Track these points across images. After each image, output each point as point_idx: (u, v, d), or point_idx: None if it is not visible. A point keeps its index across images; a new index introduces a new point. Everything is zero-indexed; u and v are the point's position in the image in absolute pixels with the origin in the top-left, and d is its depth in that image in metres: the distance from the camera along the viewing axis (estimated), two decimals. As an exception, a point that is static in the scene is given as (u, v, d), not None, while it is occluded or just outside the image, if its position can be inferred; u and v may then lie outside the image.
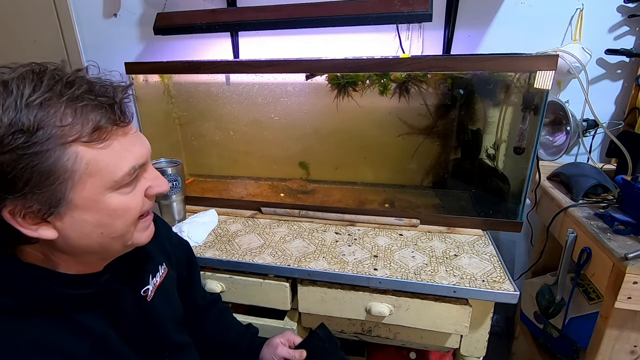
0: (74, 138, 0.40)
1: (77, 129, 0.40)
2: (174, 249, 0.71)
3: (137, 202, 0.47)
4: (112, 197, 0.44)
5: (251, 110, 1.22)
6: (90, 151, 0.41)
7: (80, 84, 0.42)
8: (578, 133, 1.13)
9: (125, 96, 0.46)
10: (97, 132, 0.41)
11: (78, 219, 0.43)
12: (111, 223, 0.45)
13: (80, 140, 0.40)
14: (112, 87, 0.45)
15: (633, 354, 0.79)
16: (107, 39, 1.42)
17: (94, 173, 0.42)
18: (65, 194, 0.41)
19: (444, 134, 1.15)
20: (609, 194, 0.95)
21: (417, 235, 0.99)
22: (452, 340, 0.87)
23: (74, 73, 0.43)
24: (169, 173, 1.00)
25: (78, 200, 0.42)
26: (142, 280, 0.58)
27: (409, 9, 0.95)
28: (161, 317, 0.60)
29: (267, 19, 1.06)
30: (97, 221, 0.44)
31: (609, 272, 0.73)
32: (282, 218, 1.11)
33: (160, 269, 0.63)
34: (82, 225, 0.43)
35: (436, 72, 1.06)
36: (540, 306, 1.03)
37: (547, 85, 0.85)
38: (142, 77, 1.15)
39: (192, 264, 0.79)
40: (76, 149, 0.40)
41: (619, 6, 1.08)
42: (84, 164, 0.41)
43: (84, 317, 0.48)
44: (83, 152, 0.41)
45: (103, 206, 0.43)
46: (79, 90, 0.41)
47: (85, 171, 0.41)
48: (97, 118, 0.41)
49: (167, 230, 0.73)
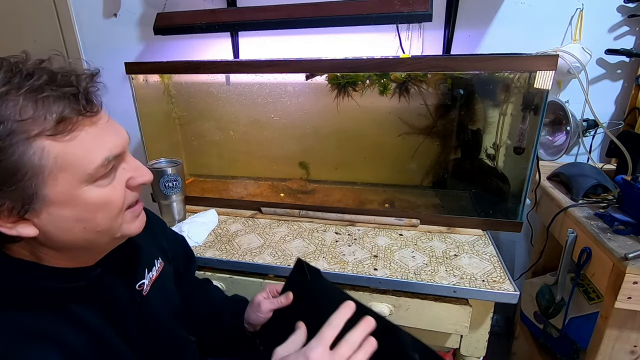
0: (37, 132, 0.38)
1: (40, 122, 0.38)
2: (169, 244, 0.71)
3: (117, 195, 0.46)
4: (89, 191, 0.43)
5: (251, 110, 1.22)
6: (57, 145, 0.40)
7: (40, 75, 0.40)
8: (578, 133, 1.13)
9: (91, 85, 0.44)
10: (62, 124, 0.40)
11: (56, 215, 0.42)
12: (92, 217, 0.44)
13: (45, 134, 0.39)
14: (75, 76, 0.42)
15: (633, 354, 0.79)
16: (107, 39, 1.42)
17: (65, 167, 0.40)
18: (38, 190, 0.40)
19: (444, 134, 1.15)
20: (609, 194, 0.95)
21: (417, 235, 0.99)
22: (452, 340, 0.87)
23: (35, 64, 0.41)
24: (169, 173, 1.00)
25: (53, 195, 0.41)
26: (137, 274, 0.57)
27: (409, 9, 0.95)
28: (158, 311, 0.59)
29: (267, 19, 1.06)
30: (77, 216, 0.43)
31: (609, 272, 0.73)
32: (282, 218, 1.11)
33: (156, 263, 0.62)
34: (61, 221, 0.42)
35: (436, 72, 1.06)
36: (540, 306, 1.04)
37: (547, 85, 0.85)
38: (142, 77, 1.15)
39: (189, 258, 0.79)
40: (41, 143, 0.39)
41: (619, 6, 1.08)
42: (52, 158, 0.39)
43: (82, 310, 0.47)
44: (49, 146, 0.39)
45: (80, 200, 0.42)
46: (38, 82, 0.39)
47: (55, 165, 0.40)
48: (60, 109, 0.40)
49: (162, 226, 0.73)
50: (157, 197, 1.03)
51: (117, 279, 0.53)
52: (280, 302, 0.70)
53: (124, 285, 0.54)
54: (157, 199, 1.04)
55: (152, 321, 0.57)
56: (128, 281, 0.55)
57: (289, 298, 0.70)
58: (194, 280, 0.82)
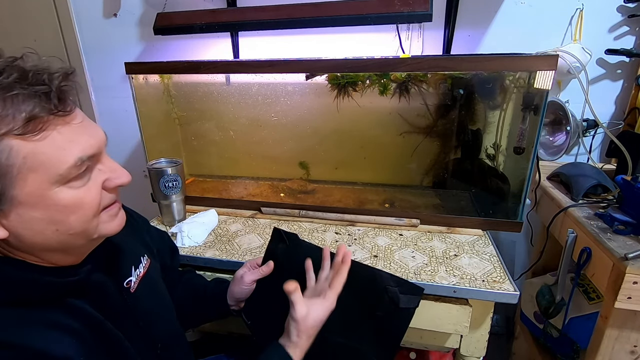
0: (5, 131, 0.37)
1: (8, 120, 0.38)
2: (153, 240, 0.72)
3: (92, 196, 0.45)
4: (61, 192, 0.42)
5: (251, 110, 1.22)
6: (27, 144, 0.39)
7: (10, 73, 0.39)
8: (578, 133, 1.13)
9: (64, 84, 0.42)
10: (32, 123, 0.39)
11: (26, 217, 0.41)
12: (64, 219, 0.43)
13: (13, 133, 0.38)
14: (48, 74, 0.41)
15: (633, 354, 0.79)
16: (107, 39, 1.42)
17: (36, 167, 0.39)
18: (5, 191, 0.39)
19: (444, 134, 1.15)
20: (609, 194, 0.95)
21: (417, 235, 0.99)
22: (452, 340, 0.87)
23: (5, 61, 0.40)
24: (169, 173, 1.00)
25: (22, 196, 0.40)
26: (124, 272, 0.57)
27: (409, 9, 0.95)
28: (147, 308, 0.59)
29: (267, 19, 1.06)
30: (48, 218, 0.42)
31: (609, 272, 0.73)
32: (282, 218, 1.11)
33: (142, 260, 0.62)
34: (32, 223, 0.41)
35: (436, 72, 1.06)
36: (540, 306, 1.03)
37: (547, 85, 0.85)
38: (142, 77, 1.15)
39: (174, 251, 0.81)
40: (9, 143, 0.38)
41: (619, 6, 1.08)
42: (20, 158, 0.38)
43: (78, 302, 0.47)
44: (18, 146, 0.38)
45: (51, 202, 0.41)
46: (7, 79, 0.38)
47: (24, 166, 0.39)
48: (29, 108, 0.39)
49: (145, 223, 0.74)
50: (157, 197, 1.03)
51: (106, 276, 0.53)
52: (261, 271, 0.71)
53: (112, 283, 0.54)
54: (157, 199, 1.04)
55: (143, 317, 0.58)
56: (115, 279, 0.55)
57: (270, 266, 0.71)
58: (179, 271, 0.83)
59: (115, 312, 0.53)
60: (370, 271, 0.69)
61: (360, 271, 0.68)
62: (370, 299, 0.67)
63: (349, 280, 0.65)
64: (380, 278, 0.67)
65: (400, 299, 0.65)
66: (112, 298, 0.54)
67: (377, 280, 0.67)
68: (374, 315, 0.66)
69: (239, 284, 0.72)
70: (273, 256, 0.73)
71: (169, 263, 0.77)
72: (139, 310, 0.57)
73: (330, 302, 0.60)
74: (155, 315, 0.61)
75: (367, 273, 0.69)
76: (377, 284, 0.67)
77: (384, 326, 0.66)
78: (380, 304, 0.66)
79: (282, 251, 0.73)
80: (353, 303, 0.66)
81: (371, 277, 0.68)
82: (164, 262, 0.73)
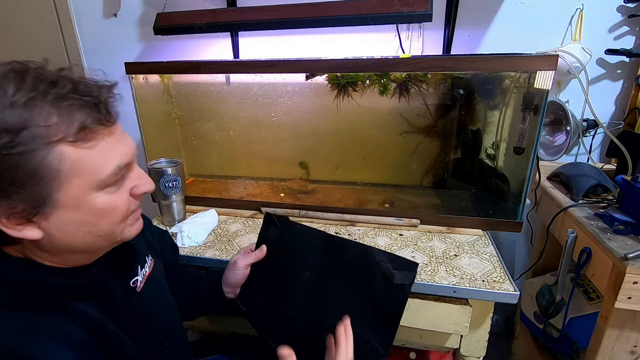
0: (59, 138, 0.39)
1: (63, 128, 0.40)
2: (155, 240, 0.73)
3: (123, 201, 0.47)
4: (98, 197, 0.44)
5: (251, 110, 1.22)
6: (76, 151, 0.41)
7: (64, 84, 0.41)
8: (578, 133, 1.13)
9: (110, 96, 0.45)
10: (83, 132, 0.41)
11: (64, 219, 0.42)
12: (97, 222, 0.45)
13: (66, 140, 0.40)
14: (96, 87, 0.44)
15: (633, 354, 0.79)
16: (107, 39, 1.42)
17: (80, 173, 0.41)
18: (51, 194, 0.41)
19: (444, 134, 1.15)
20: (609, 194, 0.95)
21: (417, 235, 0.99)
22: (452, 340, 0.87)
23: (58, 72, 0.42)
24: (169, 173, 1.00)
25: (64, 200, 0.41)
26: (131, 272, 0.58)
27: (409, 9, 0.95)
28: (152, 307, 0.60)
29: (267, 19, 1.06)
30: (83, 220, 0.44)
31: (609, 272, 0.73)
32: (282, 218, 1.11)
33: (147, 259, 0.64)
34: (67, 225, 0.43)
35: (436, 72, 1.06)
36: (540, 306, 1.03)
37: (547, 85, 0.85)
38: (142, 77, 1.15)
39: (174, 249, 0.83)
40: (61, 149, 0.40)
41: (619, 6, 1.08)
42: (69, 164, 0.40)
43: (81, 306, 0.48)
44: (68, 152, 0.40)
45: (89, 206, 0.43)
46: (63, 90, 0.40)
47: (71, 171, 0.41)
48: (82, 118, 0.41)
49: (147, 223, 0.74)
50: (157, 197, 1.03)
51: (112, 276, 0.54)
52: (255, 255, 0.72)
53: (119, 282, 0.55)
54: (157, 199, 1.04)
55: (148, 316, 0.58)
56: (122, 279, 0.56)
57: (263, 251, 0.72)
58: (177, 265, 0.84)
59: (120, 312, 0.53)
60: (362, 248, 0.67)
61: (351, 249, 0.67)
62: (364, 277, 0.65)
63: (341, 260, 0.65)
64: (372, 255, 0.65)
65: (395, 275, 0.63)
66: (118, 298, 0.54)
67: (368, 258, 0.65)
68: (369, 295, 0.64)
69: (233, 269, 0.73)
70: (265, 241, 0.74)
71: (171, 262, 0.78)
72: (144, 309, 0.58)
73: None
74: (160, 315, 0.62)
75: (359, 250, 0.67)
76: (369, 261, 0.65)
77: (381, 306, 0.64)
78: (373, 281, 0.64)
79: (274, 235, 0.73)
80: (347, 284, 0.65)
81: (362, 254, 0.66)
82: (166, 262, 0.74)
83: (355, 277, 0.66)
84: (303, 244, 0.72)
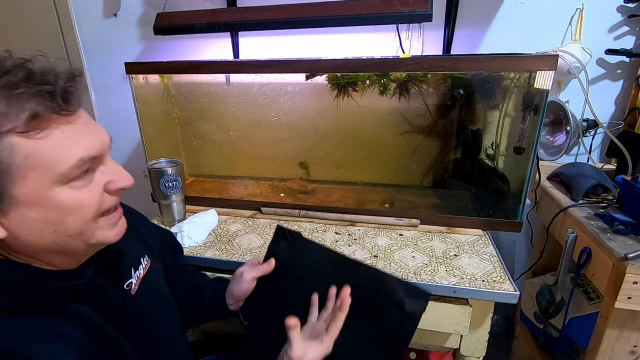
0: (8, 128, 0.37)
1: (11, 118, 0.38)
2: (153, 240, 0.71)
3: (93, 198, 0.44)
4: (62, 192, 0.41)
5: (251, 110, 1.22)
6: (29, 142, 0.39)
7: (16, 72, 0.39)
8: (578, 133, 1.13)
9: (70, 84, 0.42)
10: (35, 121, 0.39)
11: (25, 216, 0.40)
12: (63, 220, 0.42)
13: (16, 131, 0.38)
14: (54, 75, 0.41)
15: (633, 354, 0.79)
16: (107, 39, 1.42)
17: (36, 166, 0.39)
18: (6, 189, 0.39)
19: (444, 134, 1.15)
20: (609, 194, 0.95)
21: (417, 235, 0.99)
22: (452, 340, 0.87)
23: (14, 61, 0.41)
24: (169, 173, 1.00)
25: (22, 195, 0.39)
26: (123, 274, 0.57)
27: (409, 9, 0.95)
28: (148, 309, 0.59)
29: (267, 19, 1.06)
30: (47, 218, 0.41)
31: (609, 272, 0.73)
32: (282, 218, 1.11)
33: (142, 261, 0.62)
34: (31, 223, 0.41)
35: (436, 72, 1.06)
36: (540, 306, 1.04)
37: (547, 85, 0.85)
38: (142, 77, 1.15)
39: (177, 250, 0.80)
40: (11, 140, 0.38)
41: (619, 6, 1.08)
42: (22, 156, 0.38)
43: (79, 308, 0.47)
44: (20, 143, 0.38)
45: (51, 202, 0.41)
46: (14, 78, 0.39)
47: (25, 164, 0.39)
48: (32, 106, 0.38)
49: (144, 222, 0.72)
50: (157, 197, 1.03)
51: (106, 280, 0.53)
52: (262, 269, 0.69)
53: (112, 286, 0.54)
54: (157, 199, 1.04)
55: (144, 318, 0.58)
56: (115, 282, 0.55)
57: (271, 265, 0.69)
58: (182, 269, 0.82)
59: (116, 315, 0.53)
60: (374, 273, 0.66)
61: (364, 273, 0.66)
62: (374, 302, 0.65)
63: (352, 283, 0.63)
64: (383, 280, 0.65)
65: (406, 303, 0.63)
66: (113, 301, 0.54)
67: (380, 283, 0.65)
68: (379, 320, 0.64)
69: (239, 281, 0.70)
70: (275, 255, 0.72)
71: (171, 263, 0.77)
72: (140, 311, 0.57)
73: (327, 347, 0.59)
74: (157, 316, 0.61)
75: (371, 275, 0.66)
76: (381, 286, 0.65)
77: (390, 331, 0.64)
78: (384, 307, 0.64)
79: (284, 250, 0.71)
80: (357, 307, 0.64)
81: (376, 279, 0.65)
82: (165, 263, 0.72)
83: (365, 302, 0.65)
84: (314, 262, 0.70)
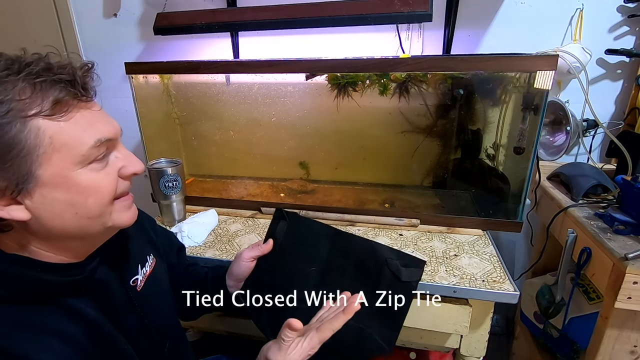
0: (34, 112, 0.40)
1: (37, 102, 0.41)
2: (160, 240, 0.73)
3: (109, 181, 0.47)
4: (82, 174, 0.44)
5: (251, 110, 1.22)
6: (53, 124, 0.42)
7: (37, 63, 0.43)
8: (578, 133, 1.13)
9: (85, 74, 0.46)
10: (58, 105, 0.42)
11: (49, 197, 0.43)
12: (83, 201, 0.45)
13: (42, 114, 0.41)
14: (70, 66, 0.45)
15: (633, 354, 0.79)
16: (107, 39, 1.42)
17: (59, 147, 0.42)
18: (32, 169, 0.41)
19: (444, 134, 1.15)
20: (609, 194, 0.95)
21: (417, 235, 0.99)
22: (452, 340, 0.87)
23: (32, 56, 0.44)
24: (169, 173, 1.00)
25: (46, 176, 0.42)
26: (130, 270, 0.58)
27: (409, 9, 0.95)
28: (153, 307, 0.60)
29: (267, 19, 1.06)
30: (69, 199, 0.44)
31: (609, 272, 0.73)
32: (282, 218, 1.11)
33: (148, 259, 0.63)
34: (53, 204, 0.43)
35: (436, 72, 1.06)
36: (540, 306, 1.04)
37: (547, 85, 0.85)
38: (142, 77, 1.15)
39: (180, 249, 0.82)
40: (37, 123, 0.41)
41: (619, 6, 1.08)
42: (47, 138, 0.41)
43: (76, 302, 0.48)
44: (45, 126, 0.41)
45: (73, 183, 0.43)
46: (36, 68, 0.42)
47: (50, 145, 0.41)
48: (56, 92, 0.42)
49: (152, 223, 0.75)
50: (157, 197, 1.03)
51: (112, 275, 0.54)
52: (261, 248, 0.71)
53: (118, 281, 0.55)
54: (157, 199, 1.04)
55: (148, 316, 0.58)
56: (121, 277, 0.56)
57: (270, 244, 0.72)
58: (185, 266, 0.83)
59: (119, 310, 0.53)
60: (370, 244, 0.67)
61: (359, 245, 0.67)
62: (371, 273, 0.66)
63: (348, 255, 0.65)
64: (379, 251, 0.66)
65: (402, 272, 0.64)
66: (117, 296, 0.54)
67: (376, 254, 0.66)
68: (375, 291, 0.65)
69: (238, 260, 0.72)
70: (273, 236, 0.74)
71: (175, 262, 0.78)
72: (145, 308, 0.58)
73: (311, 346, 0.54)
74: (160, 314, 0.61)
75: (366, 246, 0.67)
76: (377, 257, 0.66)
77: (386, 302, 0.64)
78: (380, 278, 0.65)
79: (282, 230, 0.73)
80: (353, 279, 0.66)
81: (370, 250, 0.67)
82: (169, 262, 0.74)
83: (362, 273, 0.66)
84: (310, 238, 0.72)
